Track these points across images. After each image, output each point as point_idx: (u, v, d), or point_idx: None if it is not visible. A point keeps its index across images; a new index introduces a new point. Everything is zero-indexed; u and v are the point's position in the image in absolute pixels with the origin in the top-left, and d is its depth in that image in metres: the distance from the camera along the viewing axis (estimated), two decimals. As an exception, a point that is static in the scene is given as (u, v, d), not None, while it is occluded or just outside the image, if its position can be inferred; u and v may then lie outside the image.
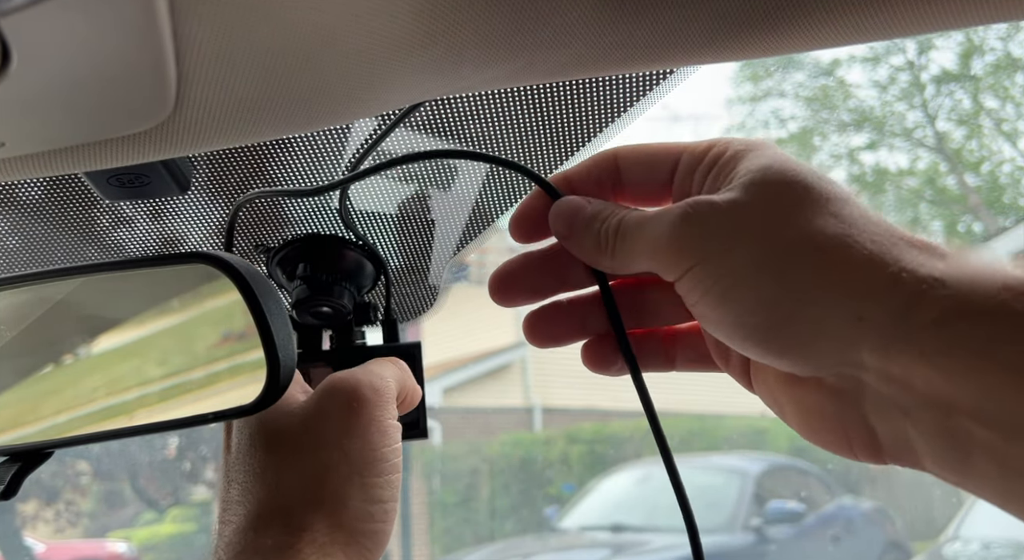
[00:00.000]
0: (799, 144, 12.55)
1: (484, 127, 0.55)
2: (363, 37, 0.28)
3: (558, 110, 0.54)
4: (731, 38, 0.36)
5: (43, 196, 0.59)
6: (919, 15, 0.33)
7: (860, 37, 0.35)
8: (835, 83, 11.89)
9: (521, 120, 0.55)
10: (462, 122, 0.54)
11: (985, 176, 11.13)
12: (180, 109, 0.27)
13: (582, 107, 0.53)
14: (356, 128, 0.54)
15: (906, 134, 11.52)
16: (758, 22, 0.35)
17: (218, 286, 0.46)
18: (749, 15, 0.34)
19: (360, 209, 0.63)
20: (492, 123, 0.54)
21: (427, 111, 0.53)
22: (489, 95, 0.51)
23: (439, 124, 0.54)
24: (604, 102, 0.53)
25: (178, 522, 7.10)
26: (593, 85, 0.51)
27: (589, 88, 0.51)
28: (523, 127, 0.55)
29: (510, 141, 0.57)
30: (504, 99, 0.52)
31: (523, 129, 0.56)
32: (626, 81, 0.51)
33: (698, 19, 0.34)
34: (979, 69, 10.96)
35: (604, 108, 0.54)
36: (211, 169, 0.57)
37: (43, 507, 6.20)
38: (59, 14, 0.22)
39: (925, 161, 11.66)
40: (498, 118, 0.54)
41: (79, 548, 6.60)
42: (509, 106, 0.53)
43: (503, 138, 0.57)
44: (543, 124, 0.55)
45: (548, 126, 0.55)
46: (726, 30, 0.35)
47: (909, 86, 11.52)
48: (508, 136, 0.56)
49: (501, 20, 0.31)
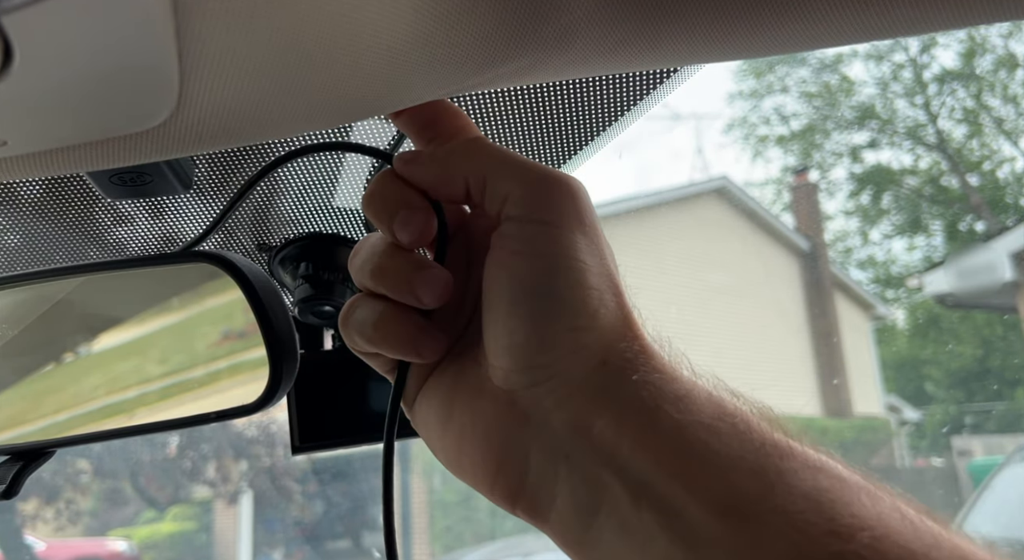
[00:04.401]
0: (801, 141, 12.54)
1: (486, 127, 0.55)
2: (366, 36, 0.28)
3: (560, 110, 0.53)
4: (736, 36, 0.35)
5: (44, 194, 0.58)
6: (921, 14, 0.33)
7: (864, 36, 0.35)
8: (838, 80, 11.88)
9: (523, 120, 0.54)
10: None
11: (987, 175, 11.12)
12: (183, 108, 0.27)
13: (585, 106, 0.53)
14: (358, 128, 0.54)
15: (908, 132, 11.51)
16: (763, 20, 0.35)
17: (218, 285, 0.46)
18: (754, 14, 0.34)
19: (359, 208, 0.63)
20: (494, 123, 0.54)
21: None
22: (491, 95, 0.51)
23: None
24: (607, 101, 0.53)
25: (179, 520, 7.11)
26: (596, 84, 0.51)
27: (592, 87, 0.51)
28: (525, 127, 0.55)
29: (512, 141, 0.57)
30: (506, 99, 0.52)
31: (525, 129, 0.55)
32: (629, 80, 0.51)
33: (703, 17, 0.34)
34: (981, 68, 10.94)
35: (607, 107, 0.54)
36: (213, 168, 0.57)
37: (44, 506, 6.21)
38: (61, 12, 0.22)
39: (927, 160, 11.65)
40: (500, 118, 0.54)
41: (79, 546, 6.60)
42: (511, 106, 0.53)
43: (504, 138, 0.56)
44: (545, 124, 0.55)
45: (550, 126, 0.55)
46: (731, 29, 0.35)
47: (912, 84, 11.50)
48: (510, 136, 0.56)
49: (504, 19, 0.31)
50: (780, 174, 12.84)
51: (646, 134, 12.77)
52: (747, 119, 12.64)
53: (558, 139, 0.57)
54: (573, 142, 0.57)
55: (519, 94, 0.52)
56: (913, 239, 11.90)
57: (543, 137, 0.57)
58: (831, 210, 12.48)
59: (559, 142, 0.57)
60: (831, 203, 12.52)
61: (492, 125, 0.55)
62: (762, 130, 12.61)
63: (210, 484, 6.79)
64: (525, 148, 0.58)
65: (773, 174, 13.32)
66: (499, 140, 0.57)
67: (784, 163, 12.77)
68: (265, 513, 6.98)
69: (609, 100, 0.53)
